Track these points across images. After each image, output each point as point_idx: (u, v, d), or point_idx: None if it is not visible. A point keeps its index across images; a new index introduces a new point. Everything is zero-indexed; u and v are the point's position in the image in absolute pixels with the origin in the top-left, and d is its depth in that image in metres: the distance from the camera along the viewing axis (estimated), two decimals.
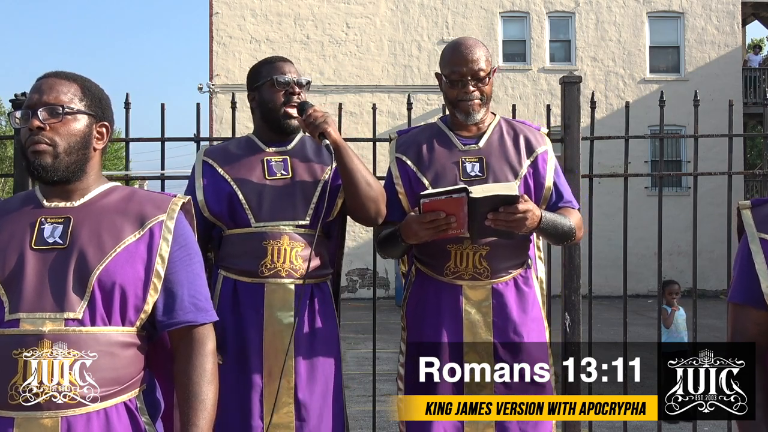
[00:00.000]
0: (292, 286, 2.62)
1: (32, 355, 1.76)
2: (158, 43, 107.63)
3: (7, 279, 1.81)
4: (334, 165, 2.63)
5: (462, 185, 2.54)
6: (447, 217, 2.50)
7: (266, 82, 2.71)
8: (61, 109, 1.89)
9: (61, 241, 1.84)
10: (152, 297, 1.88)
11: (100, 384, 1.79)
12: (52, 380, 1.76)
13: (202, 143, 3.61)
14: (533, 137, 2.83)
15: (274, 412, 2.54)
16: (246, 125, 2.80)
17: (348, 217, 2.82)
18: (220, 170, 2.71)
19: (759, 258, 2.00)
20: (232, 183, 2.68)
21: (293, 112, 2.69)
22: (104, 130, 1.97)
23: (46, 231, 1.86)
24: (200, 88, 20.68)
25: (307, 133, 2.72)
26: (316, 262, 2.66)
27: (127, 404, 1.86)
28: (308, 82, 2.76)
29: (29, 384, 1.76)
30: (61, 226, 1.87)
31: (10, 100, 3.63)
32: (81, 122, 1.92)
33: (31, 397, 1.76)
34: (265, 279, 2.61)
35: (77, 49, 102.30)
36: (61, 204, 1.92)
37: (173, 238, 1.92)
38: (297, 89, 2.70)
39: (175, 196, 2.00)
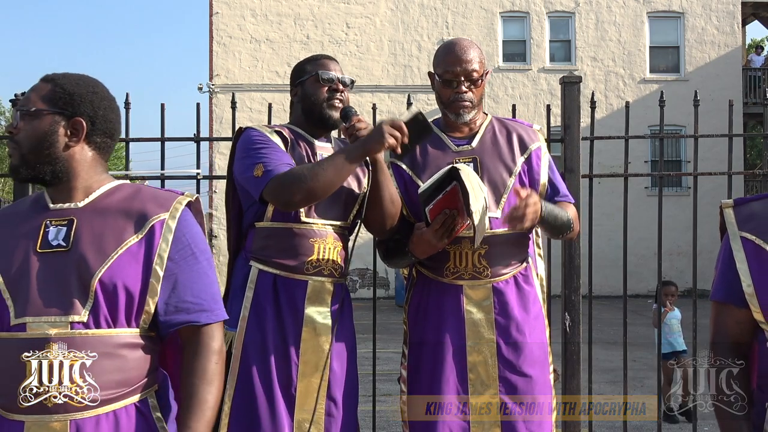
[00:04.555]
0: (331, 285, 2.66)
1: (39, 358, 1.75)
2: (158, 43, 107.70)
3: (12, 283, 1.80)
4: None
5: (449, 166, 2.54)
6: (451, 212, 2.54)
7: (310, 77, 2.72)
8: (23, 111, 1.88)
9: (64, 244, 1.83)
10: (152, 298, 1.85)
11: (107, 386, 1.79)
12: (61, 384, 1.76)
13: (203, 143, 3.60)
14: (526, 134, 2.84)
15: (314, 409, 2.57)
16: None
17: None
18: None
19: (740, 256, 2.00)
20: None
21: (336, 104, 2.70)
22: (79, 126, 1.89)
23: (50, 234, 1.84)
24: (200, 88, 20.68)
25: (342, 137, 2.75)
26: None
27: (138, 406, 1.84)
28: (352, 82, 2.77)
29: (38, 387, 1.75)
30: (65, 228, 1.85)
31: (10, 100, 3.63)
32: (43, 121, 1.88)
33: (40, 401, 1.75)
34: (309, 276, 2.62)
35: (77, 49, 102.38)
36: (65, 205, 1.89)
37: (174, 238, 1.88)
38: (341, 86, 2.71)
39: (182, 194, 1.96)
